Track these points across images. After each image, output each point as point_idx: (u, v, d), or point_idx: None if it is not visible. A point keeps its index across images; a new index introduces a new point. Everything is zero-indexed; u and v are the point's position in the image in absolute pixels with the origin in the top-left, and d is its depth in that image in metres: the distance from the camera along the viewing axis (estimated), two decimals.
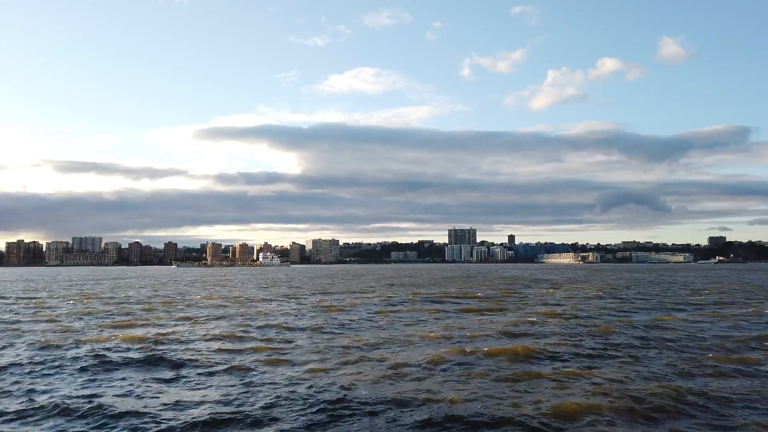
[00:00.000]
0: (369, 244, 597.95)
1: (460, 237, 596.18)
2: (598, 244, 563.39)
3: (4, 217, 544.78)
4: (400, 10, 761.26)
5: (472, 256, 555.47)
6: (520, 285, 78.14)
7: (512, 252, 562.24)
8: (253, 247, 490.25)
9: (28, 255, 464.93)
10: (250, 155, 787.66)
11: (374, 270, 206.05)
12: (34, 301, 52.97)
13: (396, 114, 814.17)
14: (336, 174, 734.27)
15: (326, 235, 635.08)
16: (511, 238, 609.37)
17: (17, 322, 33.90)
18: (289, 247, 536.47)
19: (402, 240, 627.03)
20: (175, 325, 31.64)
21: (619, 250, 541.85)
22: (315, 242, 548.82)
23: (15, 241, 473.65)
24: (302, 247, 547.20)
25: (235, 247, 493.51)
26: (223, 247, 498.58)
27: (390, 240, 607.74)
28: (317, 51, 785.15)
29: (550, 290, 64.25)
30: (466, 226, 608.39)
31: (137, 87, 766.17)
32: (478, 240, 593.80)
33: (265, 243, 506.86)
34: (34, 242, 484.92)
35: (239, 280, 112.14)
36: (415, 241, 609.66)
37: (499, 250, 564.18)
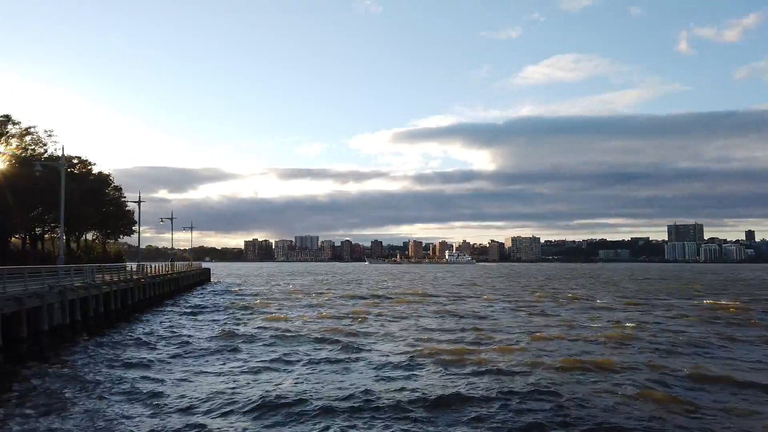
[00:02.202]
0: (573, 242, 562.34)
1: (683, 233, 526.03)
2: None
3: (241, 219, 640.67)
4: None
5: (699, 254, 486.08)
6: None
7: (752, 251, 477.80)
8: (451, 245, 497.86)
9: (261, 251, 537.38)
10: (445, 154, 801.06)
11: (582, 270, 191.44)
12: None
13: (599, 101, 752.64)
14: (534, 169, 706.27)
15: (526, 232, 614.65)
16: (750, 234, 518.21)
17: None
18: (487, 245, 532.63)
19: (611, 237, 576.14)
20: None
21: None
22: (514, 240, 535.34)
23: (251, 239, 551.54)
24: (501, 245, 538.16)
25: (435, 245, 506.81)
26: (423, 245, 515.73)
27: (597, 237, 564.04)
28: (510, 43, 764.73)
29: None
30: (690, 221, 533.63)
31: (342, 98, 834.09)
32: (706, 237, 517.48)
33: (464, 241, 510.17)
34: (265, 240, 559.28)
35: (410, 277, 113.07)
36: (626, 238, 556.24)
37: (734, 248, 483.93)
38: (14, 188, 43.49)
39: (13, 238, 51.11)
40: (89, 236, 67.36)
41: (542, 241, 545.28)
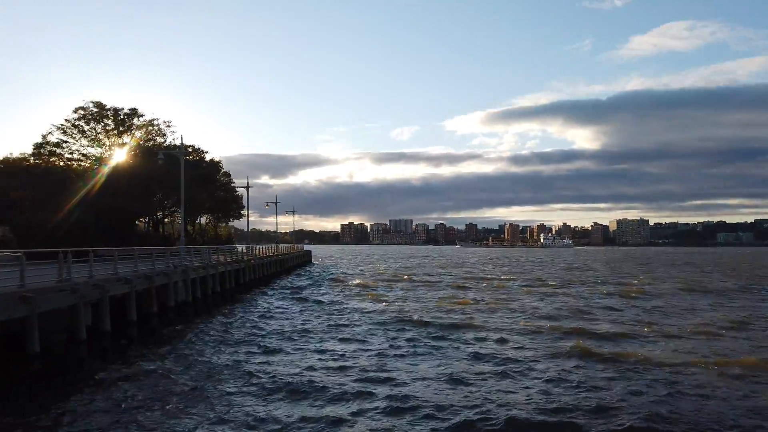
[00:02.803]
0: (687, 225, 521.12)
1: None
2: None
3: (338, 203, 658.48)
4: None
5: None
6: None
7: None
8: (550, 228, 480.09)
9: (357, 234, 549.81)
10: (544, 134, 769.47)
11: (703, 255, 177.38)
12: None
13: (717, 71, 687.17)
14: (642, 147, 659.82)
15: (632, 214, 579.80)
16: None
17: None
18: (590, 228, 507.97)
19: (731, 219, 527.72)
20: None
21: None
22: (619, 222, 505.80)
23: (347, 223, 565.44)
24: (605, 227, 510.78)
25: (532, 228, 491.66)
26: (520, 228, 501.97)
27: (714, 219, 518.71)
28: (615, 13, 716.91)
29: None
30: None
31: (435, 80, 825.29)
32: None
33: (563, 224, 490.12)
34: (360, 223, 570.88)
35: (503, 262, 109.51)
36: (749, 220, 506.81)
37: None
38: (139, 176, 47.27)
39: (138, 222, 55.73)
40: (203, 220, 72.02)
41: (651, 223, 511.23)
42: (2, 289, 14.50)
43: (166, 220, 63.14)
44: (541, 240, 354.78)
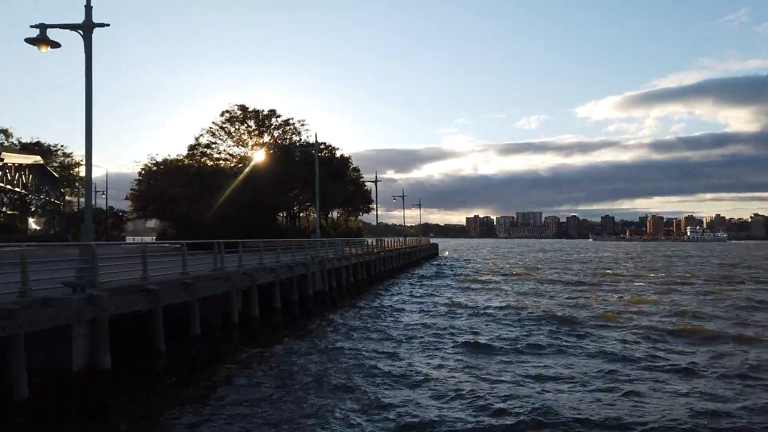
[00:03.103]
0: None
1: None
2: None
3: (463, 196, 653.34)
4: None
5: None
6: None
7: None
8: (700, 220, 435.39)
9: (483, 228, 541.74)
10: (690, 117, 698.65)
11: None
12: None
13: None
14: None
15: None
16: None
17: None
18: (749, 220, 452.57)
19: None
20: None
21: None
22: None
23: (472, 216, 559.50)
24: (766, 219, 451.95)
25: (679, 220, 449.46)
26: (664, 220, 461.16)
27: None
28: None
29: None
30: None
31: (563, 65, 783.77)
32: None
33: (716, 215, 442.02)
34: (486, 217, 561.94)
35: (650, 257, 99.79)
36: None
37: None
38: (277, 173, 50.40)
39: (277, 216, 59.54)
40: (335, 214, 75.20)
41: None
42: (169, 276, 16.09)
43: (301, 214, 66.77)
44: (688, 233, 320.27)
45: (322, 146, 62.66)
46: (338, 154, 64.87)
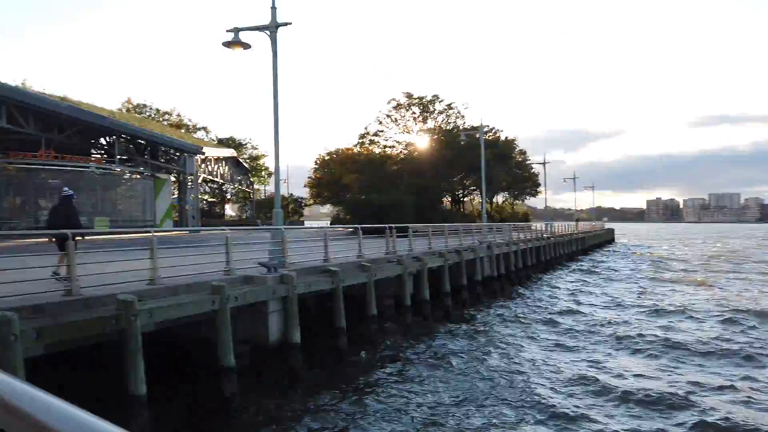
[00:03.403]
0: None
1: None
2: None
3: (641, 176, 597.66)
4: None
5: None
6: None
7: None
8: None
9: (666, 212, 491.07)
10: None
11: None
12: None
13: None
14: None
15: None
16: None
17: None
18: None
19: None
20: None
21: None
22: None
23: (653, 198, 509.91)
24: None
25: None
26: None
27: None
28: None
29: None
30: None
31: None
32: None
33: None
34: (671, 199, 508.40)
35: None
36: None
37: None
38: (442, 157, 50.69)
39: (442, 201, 60.07)
40: (499, 198, 73.69)
41: None
42: (348, 259, 17.01)
43: (465, 198, 66.52)
44: None
45: (485, 129, 61.63)
46: (503, 136, 63.25)
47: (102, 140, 48.06)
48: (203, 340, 11.94)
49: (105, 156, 47.53)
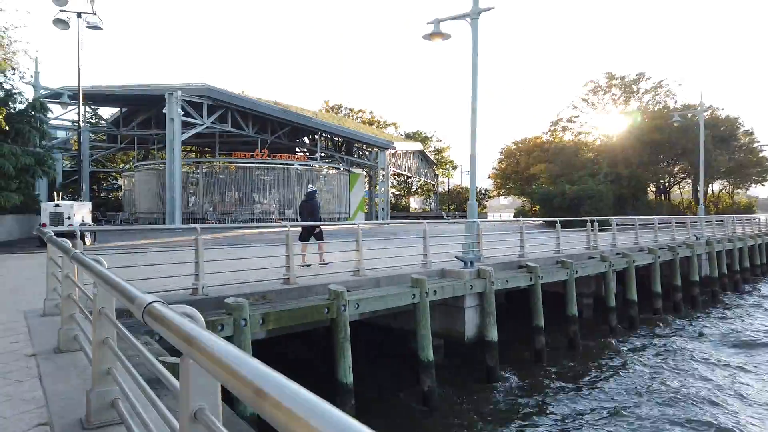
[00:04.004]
0: None
1: None
2: None
3: None
4: None
5: None
6: None
7: None
8: None
9: None
10: None
11: None
12: None
13: None
14: None
15: None
16: None
17: None
18: None
19: None
20: None
21: None
22: None
23: None
24: None
25: None
26: None
27: None
28: None
29: None
30: None
31: None
32: None
33: None
34: None
35: None
36: None
37: None
38: (648, 142, 45.60)
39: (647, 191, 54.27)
40: (716, 186, 64.27)
41: None
42: (544, 254, 16.01)
43: (672, 188, 59.32)
44: None
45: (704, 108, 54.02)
46: (724, 114, 54.80)
47: (305, 139, 52.81)
48: (398, 330, 12.13)
49: (307, 153, 52.16)
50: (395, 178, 73.41)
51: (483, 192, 76.73)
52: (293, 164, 44.13)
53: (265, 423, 1.13)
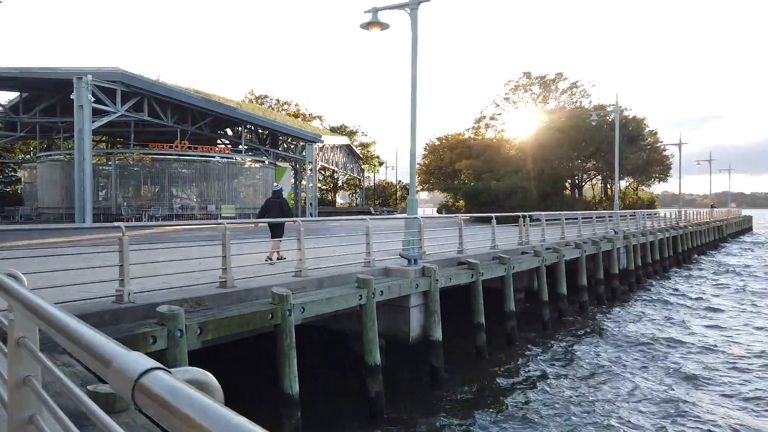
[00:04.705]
0: None
1: None
2: None
3: None
4: None
5: None
6: None
7: None
8: None
9: None
10: None
11: None
12: None
13: None
14: None
15: None
16: None
17: None
18: None
19: None
20: None
21: None
22: None
23: None
24: None
25: None
26: None
27: None
28: None
29: None
30: None
31: None
32: None
33: None
34: None
35: None
36: None
37: None
38: (563, 140, 47.59)
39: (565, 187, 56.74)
40: (622, 183, 68.38)
41: None
42: (480, 250, 16.01)
43: (584, 184, 62.46)
44: None
45: (611, 108, 57.13)
46: (631, 115, 58.30)
47: (228, 130, 50.57)
48: (339, 333, 11.56)
49: (230, 145, 50.01)
50: (321, 173, 72.28)
51: (405, 187, 77.32)
52: (214, 157, 42.13)
53: None
